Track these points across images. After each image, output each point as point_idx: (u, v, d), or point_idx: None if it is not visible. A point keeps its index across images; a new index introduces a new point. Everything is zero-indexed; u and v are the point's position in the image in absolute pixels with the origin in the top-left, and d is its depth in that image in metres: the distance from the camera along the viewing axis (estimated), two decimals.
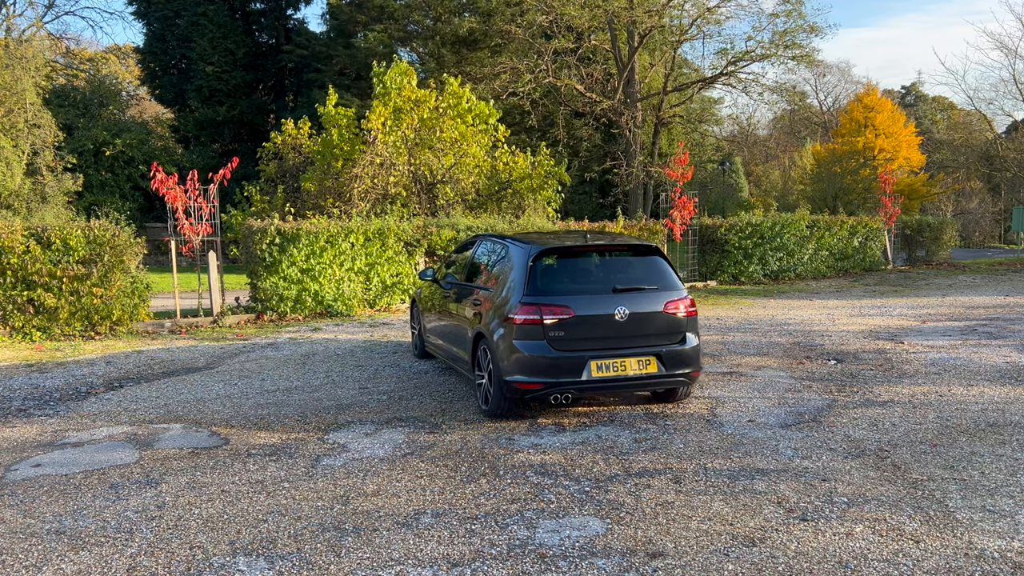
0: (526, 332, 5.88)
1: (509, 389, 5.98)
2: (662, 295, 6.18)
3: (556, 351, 5.87)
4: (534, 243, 6.40)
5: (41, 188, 25.94)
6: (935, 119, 57.69)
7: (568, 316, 5.89)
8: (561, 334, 5.88)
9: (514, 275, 6.19)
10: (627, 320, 5.97)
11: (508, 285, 6.22)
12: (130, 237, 11.46)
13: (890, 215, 22.65)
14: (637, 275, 6.36)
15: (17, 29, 32.71)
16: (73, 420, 6.51)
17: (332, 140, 17.72)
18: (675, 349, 6.12)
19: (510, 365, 5.93)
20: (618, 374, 5.94)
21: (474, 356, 6.59)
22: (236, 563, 3.70)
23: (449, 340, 7.52)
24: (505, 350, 5.96)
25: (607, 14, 28.84)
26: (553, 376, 5.85)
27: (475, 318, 6.60)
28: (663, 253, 6.56)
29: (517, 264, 6.22)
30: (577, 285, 6.22)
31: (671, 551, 3.77)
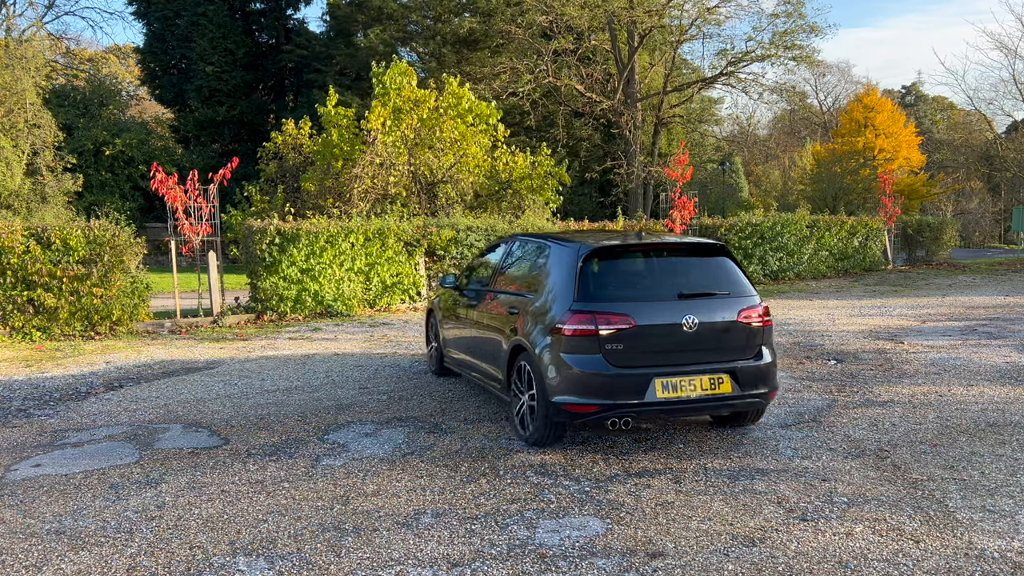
0: (578, 345, 5.05)
1: (556, 412, 5.15)
2: (735, 302, 5.35)
3: (614, 367, 5.02)
4: (582, 242, 5.59)
5: (41, 188, 25.95)
6: (935, 119, 57.70)
7: (628, 326, 5.04)
8: (620, 347, 5.03)
9: (559, 278, 5.39)
10: (696, 331, 5.14)
11: (552, 290, 5.44)
12: (130, 237, 11.47)
13: (890, 215, 22.65)
14: (704, 278, 5.51)
15: (17, 29, 32.73)
16: (73, 420, 6.51)
17: (332, 140, 17.72)
18: (751, 365, 5.28)
19: (558, 383, 5.09)
20: (686, 395, 5.07)
21: (510, 373, 5.74)
22: (236, 563, 3.70)
23: (477, 355, 6.60)
24: (552, 366, 5.14)
25: (607, 14, 28.84)
26: (610, 397, 5.00)
27: (511, 329, 5.76)
28: (731, 253, 5.74)
29: (563, 266, 5.43)
30: (636, 290, 5.39)
31: (671, 551, 3.77)
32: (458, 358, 7.21)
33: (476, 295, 6.80)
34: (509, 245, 6.69)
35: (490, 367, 6.25)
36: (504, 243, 6.88)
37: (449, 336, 7.50)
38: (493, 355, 6.15)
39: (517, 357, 5.64)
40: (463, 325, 7.02)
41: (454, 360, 7.36)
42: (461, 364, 7.13)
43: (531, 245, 6.29)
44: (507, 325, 5.86)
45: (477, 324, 6.61)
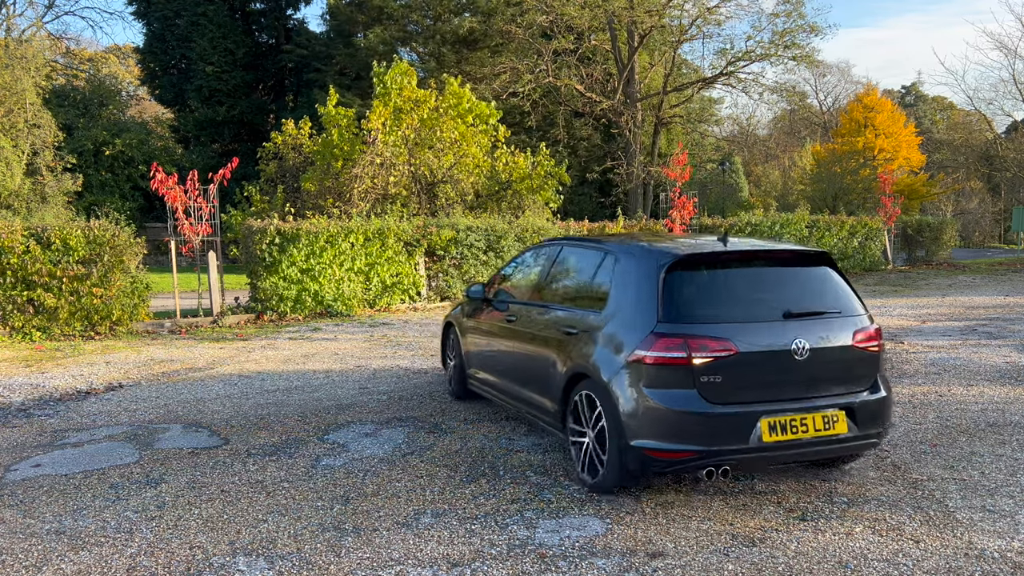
0: (665, 377, 4.20)
1: (637, 458, 4.27)
2: (848, 322, 4.50)
3: (712, 404, 4.16)
4: (659, 248, 4.73)
5: (41, 188, 25.95)
6: (935, 119, 57.71)
7: (728, 353, 4.18)
8: (718, 379, 4.17)
9: (634, 293, 4.52)
10: (808, 359, 4.29)
11: (623, 308, 4.56)
12: (130, 237, 11.47)
13: (890, 215, 22.66)
14: (808, 294, 4.63)
15: (17, 29, 32.74)
16: (73, 420, 6.51)
17: (332, 140, 17.73)
18: (868, 400, 4.45)
19: (640, 424, 4.23)
20: (797, 437, 4.22)
21: (566, 405, 4.86)
22: (236, 563, 3.70)
23: (517, 380, 5.66)
24: (630, 402, 4.27)
25: (607, 14, 28.85)
26: (709, 441, 4.14)
27: (567, 353, 4.84)
28: (834, 262, 4.85)
29: (638, 278, 4.53)
30: (733, 309, 4.45)
31: (671, 551, 3.77)
32: (489, 381, 6.21)
33: (514, 309, 5.86)
34: (554, 251, 5.74)
35: (537, 395, 5.28)
36: (546, 248, 5.97)
37: (476, 355, 6.52)
38: (541, 382, 5.18)
39: (576, 387, 4.74)
40: (496, 343, 6.09)
41: (483, 383, 6.37)
42: (493, 388, 6.14)
43: (586, 252, 5.34)
44: (561, 348, 4.94)
45: (517, 343, 5.65)
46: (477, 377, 6.51)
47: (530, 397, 5.43)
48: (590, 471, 4.61)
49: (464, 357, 6.74)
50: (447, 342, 7.35)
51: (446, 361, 7.36)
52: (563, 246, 5.69)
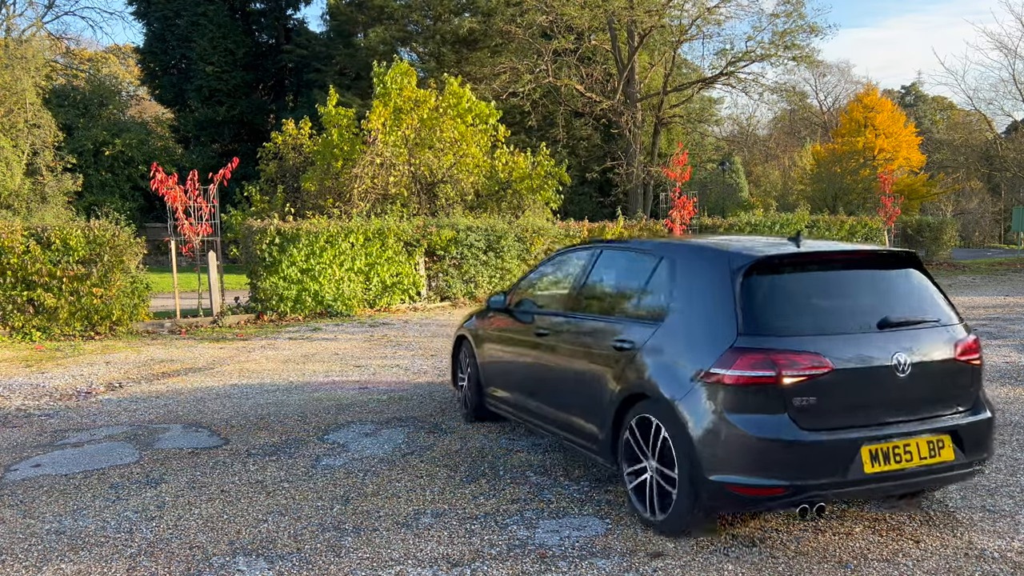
0: (749, 399, 3.62)
1: (717, 495, 3.66)
2: (947, 333, 3.99)
3: (806, 430, 3.59)
4: (730, 249, 4.11)
5: (41, 188, 25.96)
6: (935, 119, 57.72)
7: (822, 370, 3.62)
8: (812, 401, 3.61)
9: (703, 302, 3.97)
10: (909, 375, 3.76)
11: (690, 319, 4.00)
12: (130, 237, 11.47)
13: (890, 215, 22.66)
14: (900, 299, 4.11)
15: (17, 29, 32.74)
16: (73, 420, 6.51)
17: (332, 140, 17.74)
18: (974, 422, 3.92)
19: (719, 454, 3.65)
20: (902, 467, 3.69)
21: (617, 430, 4.24)
22: (236, 563, 3.70)
23: (552, 401, 4.97)
24: (706, 429, 3.68)
25: (607, 14, 28.86)
26: (804, 474, 3.57)
27: (618, 371, 4.22)
28: (921, 263, 4.33)
29: (707, 284, 3.99)
30: (821, 318, 3.90)
31: (671, 551, 3.77)
32: (514, 401, 5.51)
33: (543, 321, 5.20)
34: (591, 255, 5.09)
35: (578, 419, 4.64)
36: (579, 252, 5.31)
37: (496, 372, 5.85)
38: (584, 403, 4.57)
39: (631, 410, 4.14)
40: (523, 359, 5.39)
41: (505, 403, 5.68)
42: (519, 410, 5.44)
43: (633, 255, 4.75)
44: (610, 364, 4.32)
45: (551, 359, 4.99)
46: (498, 396, 5.79)
47: (568, 421, 4.76)
48: (653, 508, 3.96)
49: (481, 374, 6.05)
50: (458, 357, 6.58)
51: (457, 378, 6.60)
52: (602, 250, 5.05)
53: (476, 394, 6.13)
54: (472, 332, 6.31)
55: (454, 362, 6.71)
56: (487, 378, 5.98)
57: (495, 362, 5.89)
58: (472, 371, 6.22)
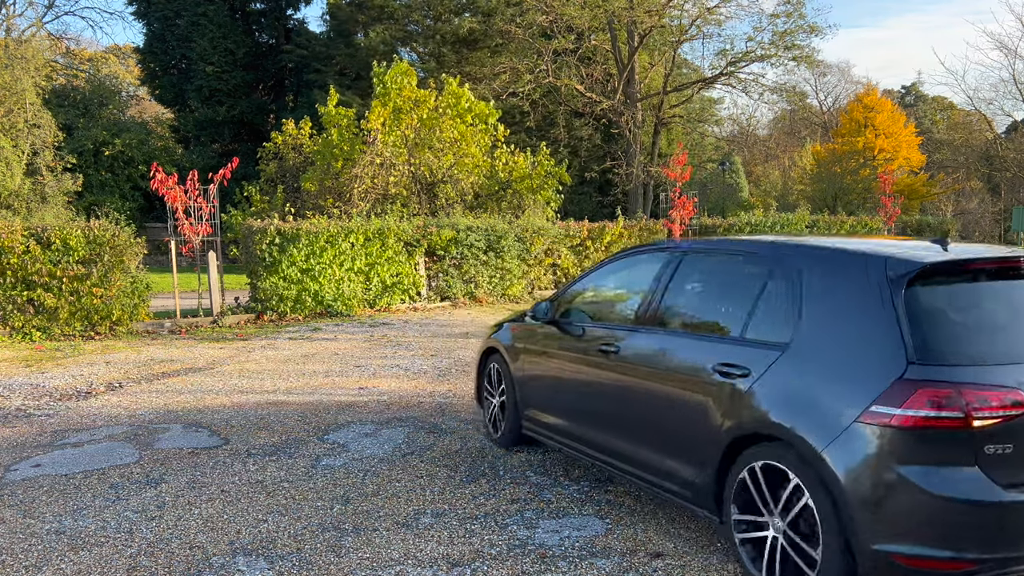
0: (928, 447, 2.88)
1: (879, 568, 2.94)
2: None
3: (1004, 487, 2.83)
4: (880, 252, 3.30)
5: (41, 188, 25.95)
6: (935, 119, 57.73)
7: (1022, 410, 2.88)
8: (1009, 450, 2.87)
9: (848, 318, 3.20)
10: None
11: (831, 340, 3.21)
12: (130, 237, 11.47)
13: (890, 215, 22.66)
14: None
15: (17, 29, 32.73)
16: (73, 420, 6.51)
17: (332, 140, 17.74)
18: None
19: (886, 519, 2.90)
20: None
21: (723, 476, 3.50)
22: (236, 563, 3.70)
23: (623, 433, 4.18)
24: (868, 483, 2.92)
25: (607, 14, 28.86)
26: (998, 546, 2.83)
27: (724, 402, 3.48)
28: None
29: (853, 295, 3.22)
30: (1012, 342, 3.10)
31: (671, 551, 3.77)
32: (566, 429, 4.71)
33: (607, 335, 4.38)
34: (670, 259, 4.27)
35: (662, 458, 3.87)
36: (653, 255, 4.49)
37: (539, 393, 5.05)
38: (672, 440, 3.81)
39: (745, 454, 3.38)
40: (579, 380, 4.57)
41: (552, 430, 4.88)
42: (575, 440, 4.62)
43: (735, 260, 3.95)
44: (710, 395, 3.56)
45: (622, 383, 4.18)
46: (541, 422, 4.99)
47: (647, 459, 3.97)
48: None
49: (519, 394, 5.24)
50: (485, 372, 5.80)
51: (483, 396, 5.83)
52: (686, 253, 4.23)
53: (512, 417, 5.32)
54: (507, 345, 5.44)
55: (480, 377, 5.87)
56: (526, 399, 5.17)
57: (538, 381, 5.06)
58: (507, 390, 5.39)
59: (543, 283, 16.09)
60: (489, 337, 5.80)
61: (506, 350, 5.44)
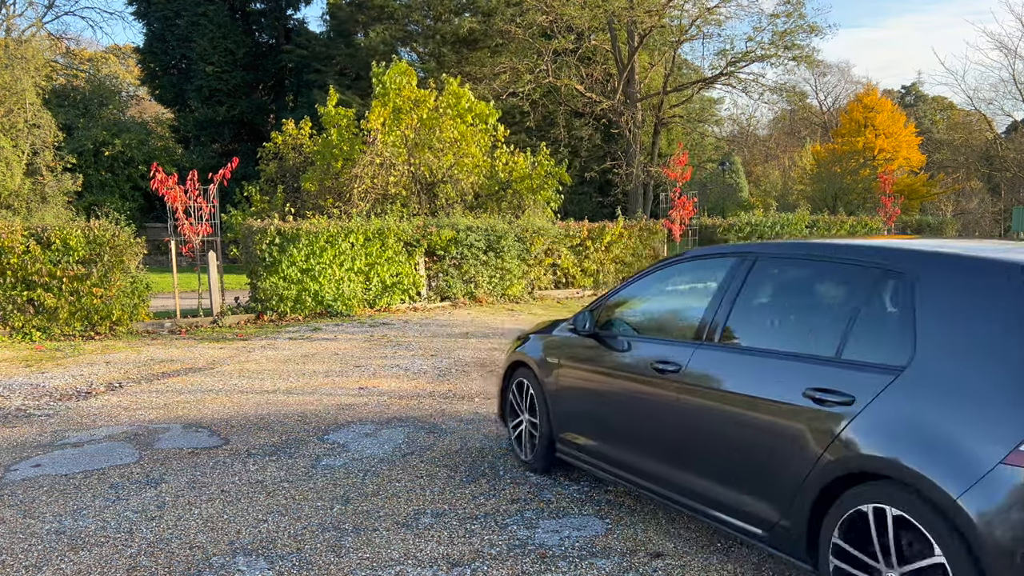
0: None
1: None
2: None
3: None
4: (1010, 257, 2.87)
5: (41, 188, 25.96)
6: (935, 119, 57.73)
7: None
8: None
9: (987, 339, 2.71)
10: None
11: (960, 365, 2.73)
12: (130, 237, 11.47)
13: (890, 215, 22.67)
14: None
15: (17, 29, 32.72)
16: (73, 420, 6.51)
17: (332, 140, 17.75)
18: None
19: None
20: None
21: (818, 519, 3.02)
22: (236, 563, 3.70)
23: (688, 466, 3.63)
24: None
25: (607, 14, 28.86)
26: None
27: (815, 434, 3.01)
28: None
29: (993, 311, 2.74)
30: None
31: (671, 551, 3.77)
32: (613, 456, 4.18)
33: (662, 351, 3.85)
34: (741, 263, 3.70)
35: (739, 496, 3.35)
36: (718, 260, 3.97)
37: (580, 414, 4.51)
38: (752, 478, 3.29)
39: (848, 494, 2.90)
40: (629, 401, 4.06)
41: (594, 455, 4.34)
42: (623, 468, 4.10)
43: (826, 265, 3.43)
44: (801, 423, 3.07)
45: (682, 406, 3.64)
46: (581, 446, 4.47)
47: (717, 495, 3.46)
48: None
49: (553, 414, 4.72)
50: (511, 388, 5.26)
51: (508, 415, 5.33)
52: (757, 257, 3.67)
53: (544, 439, 4.80)
54: (538, 359, 4.91)
55: (504, 393, 5.36)
56: (562, 420, 4.65)
57: (577, 401, 4.54)
58: (540, 409, 4.85)
59: (543, 283, 16.09)
60: (514, 350, 5.29)
61: (537, 365, 4.90)
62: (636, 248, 17.41)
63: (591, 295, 16.47)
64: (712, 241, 19.37)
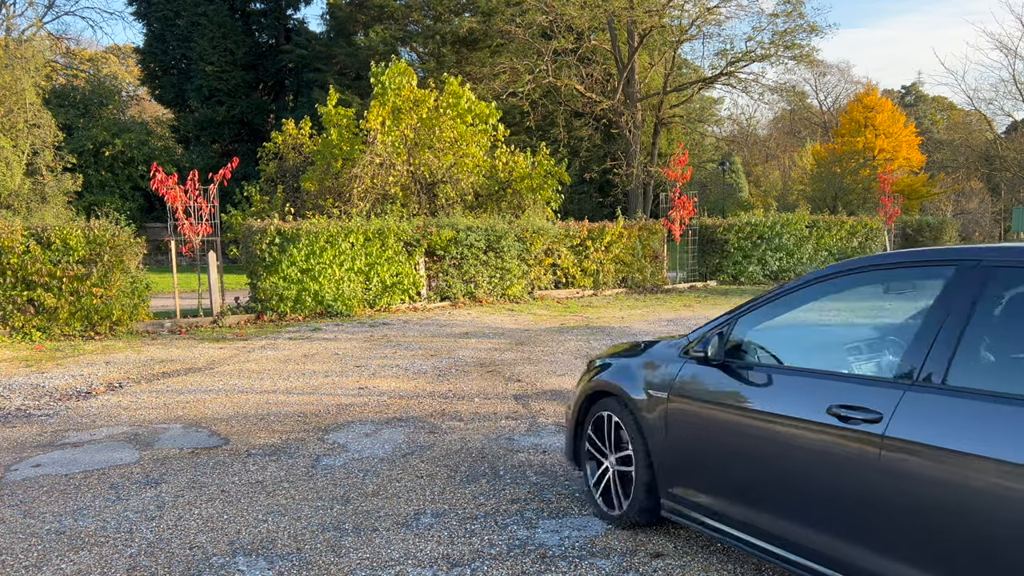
0: None
1: None
2: None
3: None
4: None
5: (41, 188, 25.96)
6: (935, 119, 57.73)
7: None
8: None
9: None
10: None
11: None
12: (130, 237, 11.47)
13: (890, 215, 22.66)
14: None
15: (17, 29, 32.72)
16: (73, 420, 6.51)
17: (332, 140, 17.75)
18: None
19: None
20: None
21: None
22: (236, 563, 3.70)
23: (902, 556, 2.64)
24: None
25: (607, 14, 28.87)
26: None
27: None
28: None
29: None
30: None
31: (671, 551, 3.77)
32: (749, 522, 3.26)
33: (845, 397, 2.89)
34: (964, 276, 2.79)
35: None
36: (917, 268, 3.13)
37: (703, 466, 3.55)
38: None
39: None
40: (781, 456, 3.11)
41: (722, 517, 3.41)
42: (764, 538, 3.18)
43: None
44: None
45: (889, 474, 2.67)
46: (703, 506, 3.52)
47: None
48: None
49: (658, 463, 3.77)
50: (588, 423, 4.28)
51: (584, 455, 4.32)
52: (994, 267, 2.72)
53: (643, 491, 3.83)
54: (634, 389, 3.91)
55: (577, 427, 4.40)
56: (673, 471, 3.69)
57: (699, 448, 3.55)
58: (636, 453, 3.86)
59: (543, 283, 16.08)
60: (593, 377, 4.29)
61: (633, 396, 3.90)
62: (635, 248, 17.41)
63: (591, 295, 16.47)
64: (712, 241, 19.35)
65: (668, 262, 18.62)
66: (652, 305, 14.73)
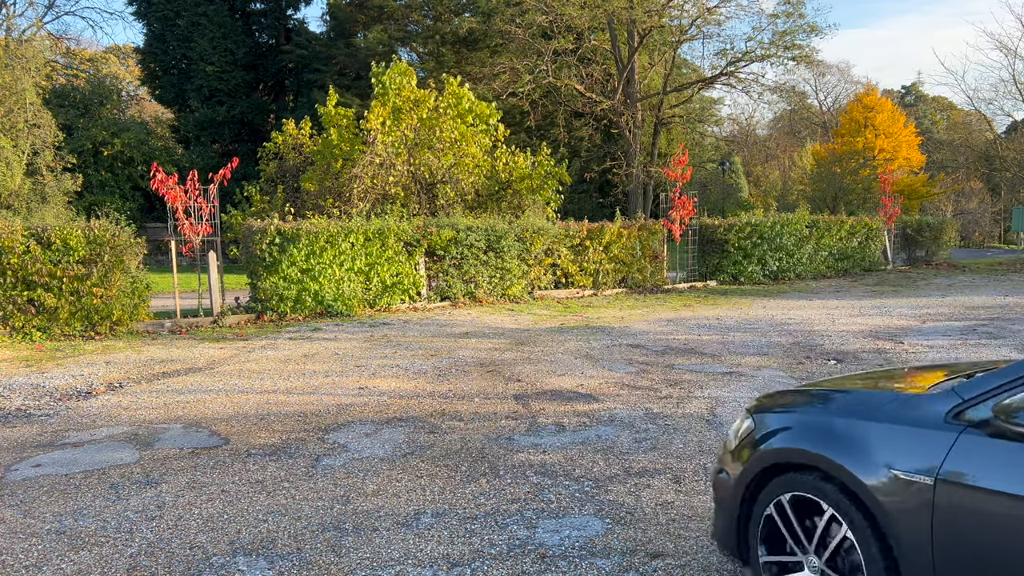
0: None
1: None
2: None
3: None
4: None
5: (41, 188, 25.96)
6: (935, 119, 57.73)
7: None
8: None
9: None
10: None
11: None
12: (130, 237, 11.47)
13: (890, 215, 22.66)
14: None
15: (17, 29, 32.71)
16: (73, 420, 6.51)
17: (332, 140, 17.75)
18: None
19: None
20: None
21: None
22: (236, 563, 3.70)
23: None
24: None
25: (607, 14, 28.87)
26: None
27: None
28: None
29: None
30: None
31: (671, 551, 3.77)
32: None
33: None
34: None
35: None
36: None
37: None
38: None
39: None
40: None
41: None
42: None
43: None
44: None
45: None
46: None
47: None
48: None
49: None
50: (765, 507, 3.03)
51: (756, 552, 3.09)
52: None
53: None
54: (860, 464, 2.66)
55: (742, 519, 3.19)
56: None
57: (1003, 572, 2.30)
58: (871, 565, 2.59)
59: (543, 283, 16.08)
60: (759, 438, 3.08)
61: (863, 480, 2.63)
62: (635, 248, 17.40)
63: (591, 295, 16.47)
64: (712, 241, 19.33)
65: (668, 262, 18.62)
66: (652, 305, 14.73)
